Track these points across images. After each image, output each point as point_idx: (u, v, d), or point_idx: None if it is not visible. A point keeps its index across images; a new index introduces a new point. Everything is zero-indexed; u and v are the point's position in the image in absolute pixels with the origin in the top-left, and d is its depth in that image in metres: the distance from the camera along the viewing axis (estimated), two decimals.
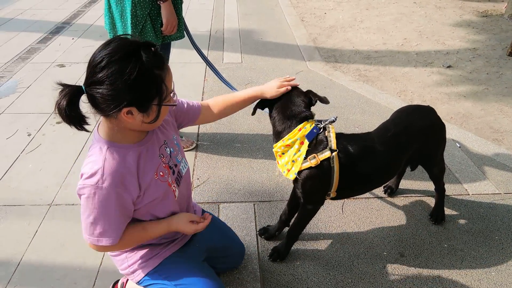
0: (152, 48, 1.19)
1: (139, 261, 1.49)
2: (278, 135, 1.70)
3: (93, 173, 1.21)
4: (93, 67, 1.15)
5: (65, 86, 1.14)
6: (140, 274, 1.50)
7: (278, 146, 1.68)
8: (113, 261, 1.57)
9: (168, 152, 1.43)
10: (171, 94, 1.28)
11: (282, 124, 1.68)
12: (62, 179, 2.51)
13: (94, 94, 1.15)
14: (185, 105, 1.61)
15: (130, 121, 1.20)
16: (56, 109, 1.14)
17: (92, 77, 1.14)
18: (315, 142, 1.67)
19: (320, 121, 1.72)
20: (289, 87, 1.69)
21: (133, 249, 1.49)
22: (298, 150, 1.64)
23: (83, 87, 1.16)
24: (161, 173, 1.37)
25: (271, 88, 1.68)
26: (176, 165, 1.47)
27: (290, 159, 1.66)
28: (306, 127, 1.65)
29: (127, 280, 1.69)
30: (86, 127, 1.20)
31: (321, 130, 1.69)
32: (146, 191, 1.33)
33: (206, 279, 1.49)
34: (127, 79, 1.12)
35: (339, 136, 1.72)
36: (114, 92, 1.13)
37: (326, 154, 1.65)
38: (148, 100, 1.19)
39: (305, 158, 1.65)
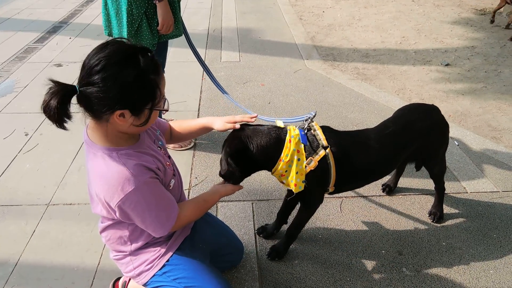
0: (149, 54, 1.20)
1: (145, 263, 1.48)
2: (272, 160, 1.65)
3: (123, 179, 1.21)
4: (89, 69, 1.14)
5: (57, 83, 1.11)
6: (147, 276, 1.49)
7: (279, 168, 1.64)
8: (117, 265, 1.56)
9: (161, 144, 1.50)
10: (163, 100, 1.30)
11: (271, 150, 1.63)
12: (59, 179, 2.50)
13: (88, 95, 1.14)
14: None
15: (122, 123, 1.21)
16: (44, 107, 1.10)
17: (88, 78, 1.13)
18: (308, 145, 1.66)
19: (292, 120, 1.72)
20: (237, 125, 1.63)
21: (137, 252, 1.48)
22: (298, 159, 1.62)
23: (77, 87, 1.14)
24: (167, 163, 1.43)
25: (221, 120, 1.64)
26: (170, 157, 1.52)
27: (294, 171, 1.63)
28: (293, 136, 1.63)
29: (130, 279, 1.68)
30: (66, 125, 1.17)
31: (306, 130, 1.68)
32: (163, 178, 1.38)
33: (215, 280, 1.49)
34: (124, 82, 1.14)
35: (328, 130, 1.72)
36: (110, 94, 1.13)
37: (321, 153, 1.65)
38: (142, 104, 1.21)
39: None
